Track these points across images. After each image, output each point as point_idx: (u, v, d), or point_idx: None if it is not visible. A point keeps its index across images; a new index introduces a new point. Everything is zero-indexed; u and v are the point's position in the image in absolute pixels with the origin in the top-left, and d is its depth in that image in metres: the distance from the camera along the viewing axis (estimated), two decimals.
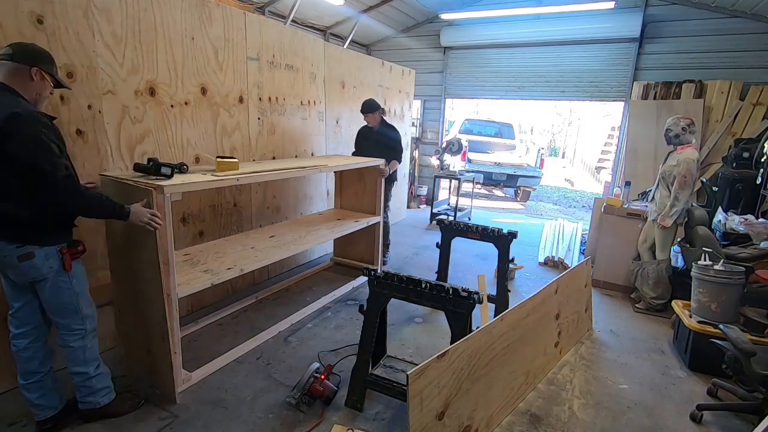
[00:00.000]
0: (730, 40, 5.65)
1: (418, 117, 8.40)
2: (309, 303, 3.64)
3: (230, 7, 3.33)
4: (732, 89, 5.54)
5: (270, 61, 3.78)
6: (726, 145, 5.46)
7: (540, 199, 10.56)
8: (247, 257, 2.90)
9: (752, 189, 4.52)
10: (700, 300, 3.03)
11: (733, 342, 2.29)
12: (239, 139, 3.57)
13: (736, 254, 3.44)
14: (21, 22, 2.16)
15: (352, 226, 3.93)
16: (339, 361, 2.79)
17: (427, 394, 1.83)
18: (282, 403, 2.41)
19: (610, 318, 3.78)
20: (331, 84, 4.68)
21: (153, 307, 2.34)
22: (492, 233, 3.51)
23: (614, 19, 6.09)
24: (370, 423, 2.31)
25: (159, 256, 2.14)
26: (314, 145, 4.55)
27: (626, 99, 6.38)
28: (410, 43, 8.05)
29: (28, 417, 2.17)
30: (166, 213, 2.16)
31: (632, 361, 3.10)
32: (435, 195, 7.48)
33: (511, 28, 6.87)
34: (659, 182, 3.83)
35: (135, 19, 2.66)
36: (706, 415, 2.48)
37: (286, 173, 3.00)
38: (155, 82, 2.83)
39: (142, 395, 2.39)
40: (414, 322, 3.49)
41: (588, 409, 2.54)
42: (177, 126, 3.03)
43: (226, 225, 3.60)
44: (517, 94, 7.36)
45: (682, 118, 3.69)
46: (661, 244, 3.80)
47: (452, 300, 2.24)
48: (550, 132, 23.63)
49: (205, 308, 3.46)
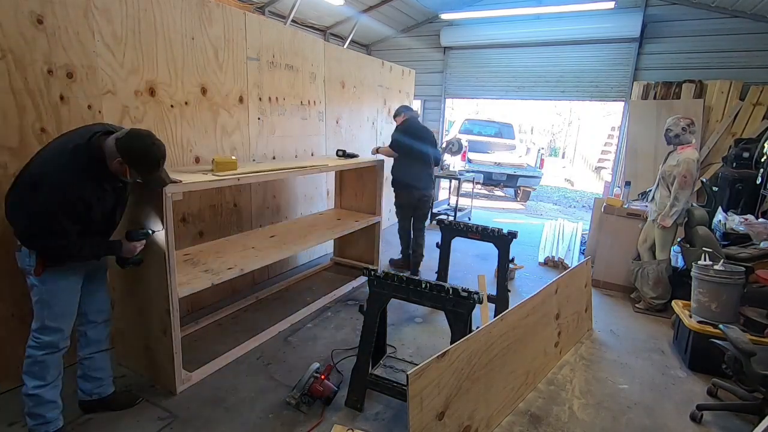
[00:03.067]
0: (730, 40, 5.66)
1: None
2: (309, 303, 3.64)
3: (230, 7, 3.33)
4: (732, 89, 5.54)
5: (270, 61, 3.78)
6: (726, 145, 5.47)
7: (540, 199, 10.56)
8: (247, 257, 2.90)
9: (752, 189, 4.52)
10: (700, 300, 3.03)
11: (733, 342, 2.29)
12: (239, 139, 3.57)
13: (736, 254, 3.45)
14: (21, 22, 2.16)
15: (352, 226, 3.93)
16: (339, 361, 2.79)
17: (427, 394, 1.83)
18: (282, 403, 2.40)
19: (610, 318, 3.78)
20: (331, 84, 4.68)
21: (154, 304, 2.35)
22: (492, 233, 3.51)
23: (614, 19, 6.10)
24: (370, 423, 2.31)
25: (166, 248, 2.16)
26: (314, 145, 4.55)
27: (626, 99, 6.39)
28: (410, 43, 8.06)
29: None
30: (166, 213, 2.16)
31: (632, 361, 3.10)
32: (435, 195, 7.49)
33: (511, 28, 6.87)
34: (659, 182, 3.82)
35: (135, 19, 2.66)
36: (706, 415, 2.48)
37: (286, 173, 3.01)
38: (155, 82, 2.83)
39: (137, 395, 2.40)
40: (414, 322, 3.49)
41: (588, 409, 2.54)
42: (177, 126, 3.03)
43: (226, 225, 3.60)
44: (517, 94, 7.37)
45: (682, 118, 3.69)
46: (661, 244, 3.80)
47: (452, 300, 2.24)
48: (550, 132, 23.62)
49: (205, 308, 3.46)
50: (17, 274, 2.28)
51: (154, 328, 2.40)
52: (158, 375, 2.48)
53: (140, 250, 2.18)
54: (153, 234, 2.21)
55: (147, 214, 2.25)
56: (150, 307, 2.38)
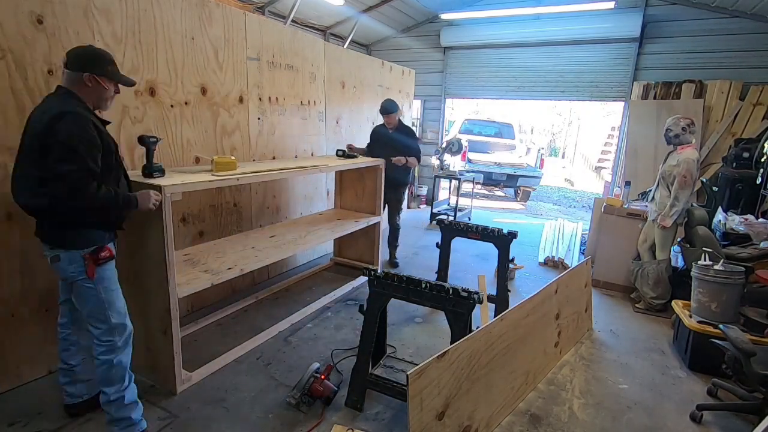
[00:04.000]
0: (730, 40, 5.65)
1: (418, 117, 8.40)
2: (309, 303, 3.64)
3: (230, 7, 3.33)
4: (732, 89, 5.54)
5: (270, 61, 3.78)
6: (726, 145, 5.46)
7: (540, 199, 10.56)
8: (247, 257, 2.90)
9: (752, 189, 4.52)
10: (700, 300, 3.03)
11: (733, 342, 2.29)
12: (239, 139, 3.57)
13: (736, 254, 3.44)
14: (21, 22, 2.16)
15: (352, 226, 3.93)
16: (339, 361, 2.79)
17: (427, 394, 1.83)
18: (282, 403, 2.40)
19: (610, 318, 3.78)
20: (331, 84, 4.68)
21: (154, 304, 2.35)
22: (492, 233, 3.51)
23: (614, 19, 6.09)
24: (370, 423, 2.31)
25: (166, 248, 2.16)
26: (314, 145, 4.55)
27: (626, 99, 6.38)
28: (410, 43, 8.05)
29: (28, 417, 2.18)
30: (166, 213, 2.16)
31: (632, 361, 3.10)
32: (435, 195, 7.49)
33: (511, 28, 6.87)
34: (659, 182, 3.82)
35: (135, 19, 2.66)
36: (706, 415, 2.48)
37: (286, 173, 3.01)
38: (155, 82, 2.83)
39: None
40: (414, 322, 3.49)
41: (588, 409, 2.54)
42: (177, 126, 3.03)
43: (226, 225, 3.60)
44: (517, 94, 7.36)
45: (682, 118, 3.69)
46: (661, 244, 3.80)
47: (452, 300, 2.24)
48: (550, 132, 23.62)
49: (205, 308, 3.46)
50: (16, 274, 2.29)
51: (154, 328, 2.40)
52: (158, 375, 2.48)
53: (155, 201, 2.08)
54: (159, 141, 2.29)
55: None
56: (150, 307, 2.38)
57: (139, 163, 2.79)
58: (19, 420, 2.17)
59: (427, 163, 8.32)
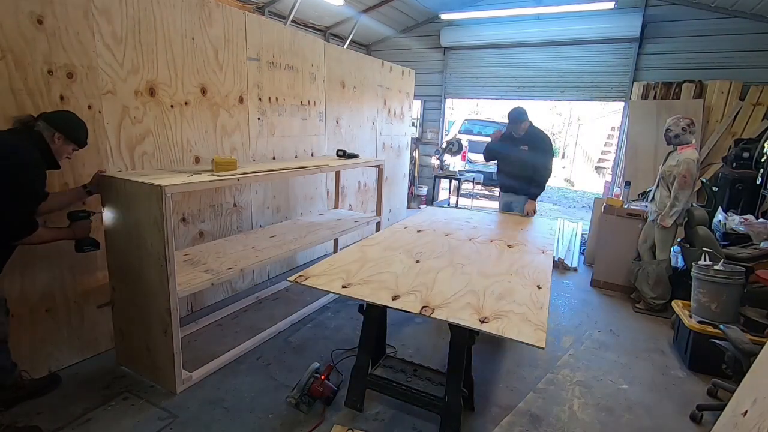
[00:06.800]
0: (730, 40, 5.65)
1: (418, 117, 8.40)
2: (309, 303, 3.64)
3: (230, 7, 3.33)
4: (732, 89, 5.53)
5: (270, 62, 3.78)
6: (726, 145, 5.46)
7: (540, 199, 10.49)
8: (247, 257, 2.90)
9: (752, 189, 4.52)
10: (700, 300, 3.03)
11: (733, 342, 2.29)
12: (239, 139, 3.57)
13: (736, 254, 3.44)
14: (21, 22, 2.16)
15: (352, 226, 3.93)
16: (339, 362, 2.79)
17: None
18: (282, 404, 2.40)
19: (610, 318, 3.78)
20: (331, 84, 4.68)
21: (154, 304, 2.35)
22: None
23: (614, 19, 6.09)
24: (370, 423, 2.31)
25: (166, 248, 2.16)
26: (314, 145, 4.55)
27: (626, 99, 6.38)
28: (410, 43, 8.06)
29: (27, 417, 2.18)
30: (166, 212, 2.16)
31: (632, 361, 3.10)
32: (435, 195, 7.49)
33: (511, 29, 6.87)
34: (659, 182, 3.82)
35: (135, 19, 2.66)
36: (706, 415, 2.48)
37: (286, 173, 3.01)
38: (155, 83, 2.83)
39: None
40: (414, 322, 3.49)
41: (588, 409, 2.54)
42: (177, 126, 3.03)
43: (226, 225, 3.60)
44: (517, 94, 7.36)
45: (682, 118, 3.69)
46: (661, 244, 3.80)
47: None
48: (550, 132, 23.60)
49: (205, 308, 3.46)
50: (15, 275, 2.29)
51: (154, 328, 2.39)
52: (158, 375, 2.48)
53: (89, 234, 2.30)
54: (92, 216, 2.34)
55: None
56: (150, 307, 2.38)
57: (139, 163, 2.81)
58: (19, 420, 2.17)
59: (427, 163, 8.33)
